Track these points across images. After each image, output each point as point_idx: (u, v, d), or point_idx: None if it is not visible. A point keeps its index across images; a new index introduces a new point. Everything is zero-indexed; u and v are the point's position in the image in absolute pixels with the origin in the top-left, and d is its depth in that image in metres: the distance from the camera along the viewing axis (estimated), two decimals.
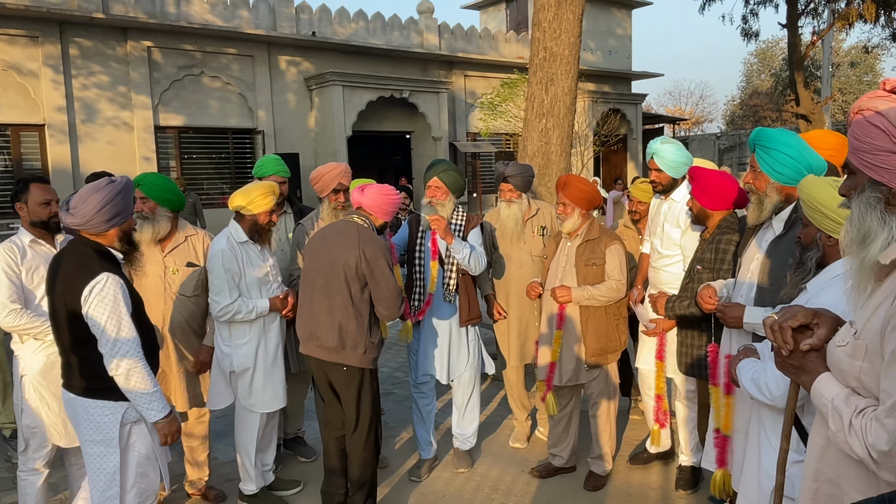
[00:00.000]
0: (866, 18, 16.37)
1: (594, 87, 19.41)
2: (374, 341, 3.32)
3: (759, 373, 2.07)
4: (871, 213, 1.37)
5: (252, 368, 3.58)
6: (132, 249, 2.86)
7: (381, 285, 3.21)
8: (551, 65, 6.27)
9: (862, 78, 36.80)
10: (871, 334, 1.33)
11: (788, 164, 2.57)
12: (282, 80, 15.27)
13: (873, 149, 1.37)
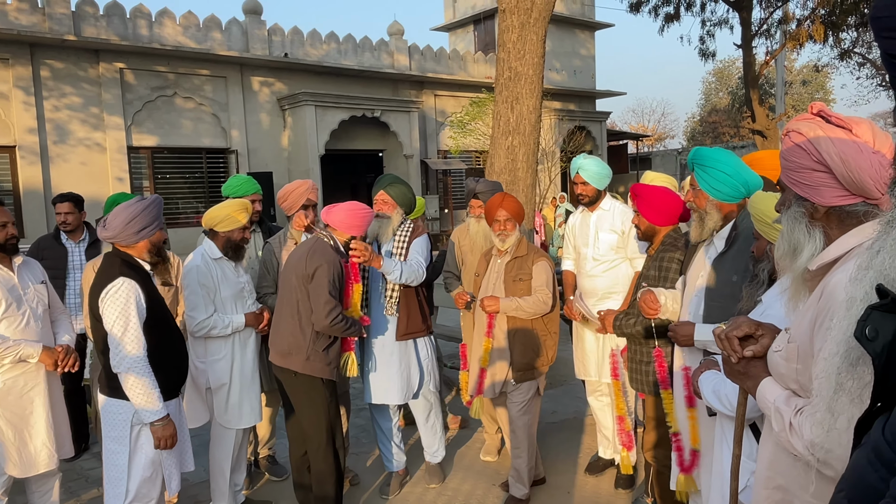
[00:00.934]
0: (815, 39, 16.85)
1: (560, 106, 19.65)
2: (320, 350, 3.32)
3: (720, 385, 2.09)
4: (798, 227, 1.44)
5: (228, 384, 3.56)
6: (161, 261, 3.01)
7: (313, 297, 3.28)
8: (516, 84, 6.32)
9: (814, 95, 37.87)
10: (801, 336, 1.38)
11: (725, 181, 2.60)
12: (255, 100, 15.19)
13: (797, 167, 1.44)
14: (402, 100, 16.72)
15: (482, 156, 18.35)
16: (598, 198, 3.94)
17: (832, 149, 1.38)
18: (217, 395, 3.55)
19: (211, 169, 14.88)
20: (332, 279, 3.29)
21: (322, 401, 3.37)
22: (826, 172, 1.39)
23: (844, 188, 1.39)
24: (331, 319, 3.24)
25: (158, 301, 2.91)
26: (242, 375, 3.60)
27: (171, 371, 2.91)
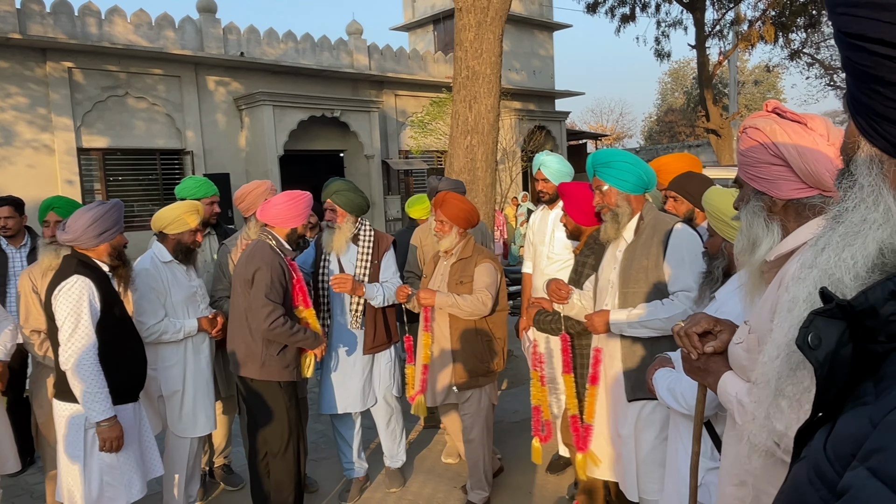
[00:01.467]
0: (766, 40, 17.30)
1: (520, 106, 19.76)
2: (275, 353, 3.26)
3: (675, 383, 2.10)
4: (757, 221, 1.46)
5: (181, 391, 3.48)
6: (122, 265, 2.98)
7: (250, 299, 3.23)
8: (474, 83, 6.32)
9: (765, 94, 38.90)
10: (762, 327, 1.39)
11: (630, 171, 2.74)
12: (210, 100, 14.88)
13: (755, 162, 1.46)
14: (362, 100, 16.59)
15: (444, 155, 18.32)
16: (558, 196, 3.94)
17: (788, 142, 1.40)
18: (170, 403, 3.46)
19: (166, 171, 14.53)
20: (271, 281, 3.20)
21: (282, 405, 3.31)
22: (783, 166, 1.41)
23: (802, 181, 1.41)
24: (269, 323, 3.15)
25: (117, 303, 2.86)
26: (196, 382, 3.52)
27: (127, 374, 2.87)
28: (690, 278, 2.58)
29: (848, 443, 0.64)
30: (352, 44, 17.18)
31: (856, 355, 0.69)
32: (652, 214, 2.78)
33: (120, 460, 2.81)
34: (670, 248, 2.65)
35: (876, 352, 0.68)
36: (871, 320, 0.67)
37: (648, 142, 43.73)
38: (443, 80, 18.12)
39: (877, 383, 0.67)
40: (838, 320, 0.69)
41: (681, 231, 2.67)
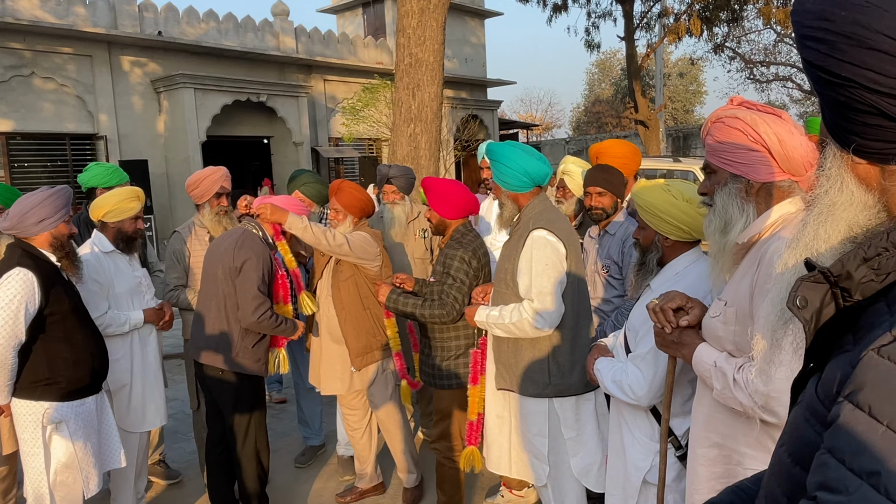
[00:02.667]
0: (693, 33, 18.13)
1: (452, 94, 19.94)
2: (249, 346, 3.30)
3: (620, 374, 2.23)
4: (733, 203, 1.63)
5: (129, 385, 3.45)
6: (66, 255, 2.89)
7: (240, 292, 3.25)
8: (417, 71, 6.41)
9: (688, 87, 40.61)
10: (739, 301, 1.57)
11: (508, 173, 2.80)
12: (125, 81, 14.31)
13: (733, 148, 1.64)
14: (289, 84, 16.34)
15: (376, 143, 18.31)
16: None
17: (770, 130, 1.58)
18: (117, 398, 3.42)
19: (76, 157, 13.89)
20: (262, 274, 3.25)
21: (249, 398, 3.35)
22: (763, 151, 1.59)
23: (778, 166, 1.60)
24: (258, 316, 3.21)
25: (68, 294, 2.80)
26: (145, 375, 3.51)
27: (85, 366, 2.82)
28: (535, 287, 2.69)
29: (834, 383, 0.80)
30: (278, 25, 16.87)
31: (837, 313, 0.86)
32: (532, 213, 2.80)
33: (78, 455, 2.78)
34: (521, 254, 2.75)
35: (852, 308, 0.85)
36: (847, 282, 0.84)
37: (577, 132, 44.88)
38: (374, 66, 18.07)
39: (854, 333, 0.84)
40: (821, 284, 0.86)
41: (534, 239, 2.72)
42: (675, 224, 2.19)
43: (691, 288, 2.13)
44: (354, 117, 16.37)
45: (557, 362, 2.78)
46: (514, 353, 2.85)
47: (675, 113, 39.72)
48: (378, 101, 15.93)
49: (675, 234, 2.20)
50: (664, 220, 2.21)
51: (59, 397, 2.78)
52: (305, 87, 16.67)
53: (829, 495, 0.72)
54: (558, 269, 2.72)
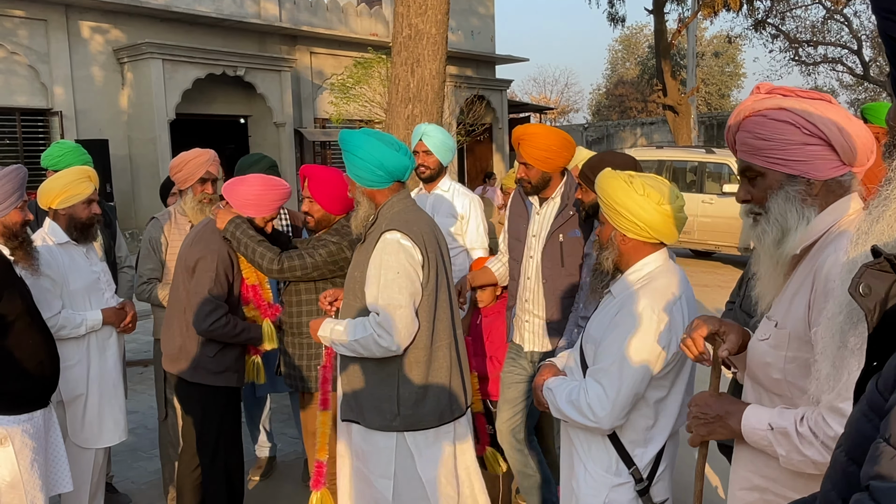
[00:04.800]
0: (730, 6, 18.15)
1: (456, 71, 19.97)
2: (210, 355, 3.30)
3: (577, 393, 2.21)
4: (791, 209, 1.58)
5: (85, 395, 3.46)
6: (20, 245, 2.89)
7: (192, 295, 3.25)
8: (417, 44, 6.42)
9: (724, 68, 40.67)
10: (794, 322, 1.55)
11: (361, 165, 2.74)
12: (84, 50, 14.33)
13: (785, 144, 1.58)
14: (271, 56, 16.35)
15: (367, 126, 18.28)
16: (439, 175, 4.02)
17: (825, 118, 1.54)
18: (71, 409, 3.43)
19: (27, 134, 13.91)
20: (218, 274, 3.24)
21: (216, 411, 3.36)
22: (822, 144, 1.55)
23: (839, 158, 1.56)
24: (209, 323, 3.20)
25: (19, 292, 2.79)
26: (102, 384, 3.51)
27: (32, 376, 2.79)
28: (382, 298, 2.63)
29: (893, 372, 0.84)
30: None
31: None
32: (389, 213, 2.76)
33: (24, 476, 2.75)
34: (371, 260, 2.70)
35: None
36: None
37: (596, 117, 44.93)
38: (367, 38, 18.08)
39: None
40: (887, 273, 0.90)
41: (385, 242, 2.68)
42: (632, 220, 2.20)
43: (659, 295, 2.17)
44: (344, 95, 16.39)
45: (409, 389, 2.71)
46: (359, 377, 2.77)
47: (709, 97, 39.78)
48: (371, 77, 15.94)
49: (634, 231, 2.22)
50: (622, 215, 2.23)
51: (5, 410, 2.75)
52: (289, 61, 16.68)
53: (882, 483, 0.75)
54: (412, 279, 2.65)
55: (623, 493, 2.22)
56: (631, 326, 2.14)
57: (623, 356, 2.12)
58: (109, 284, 3.66)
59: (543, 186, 3.32)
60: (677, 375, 2.24)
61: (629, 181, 2.23)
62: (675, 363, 2.21)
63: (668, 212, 2.21)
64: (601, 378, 2.15)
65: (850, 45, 27.39)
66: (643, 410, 2.21)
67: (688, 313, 2.21)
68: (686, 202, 7.18)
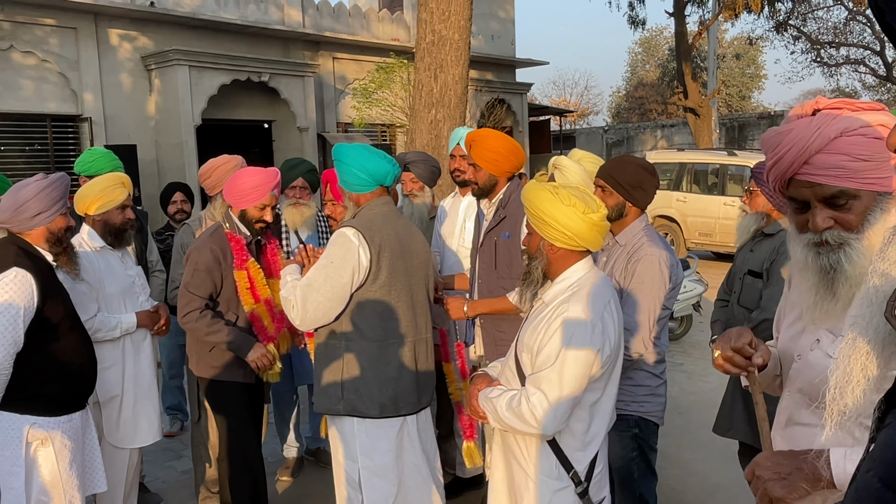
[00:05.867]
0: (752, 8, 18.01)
1: (477, 75, 19.97)
2: (207, 350, 3.39)
3: (518, 401, 2.25)
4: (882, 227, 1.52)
5: (120, 396, 3.53)
6: (64, 251, 2.98)
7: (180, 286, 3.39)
8: (440, 50, 6.46)
9: (745, 70, 40.29)
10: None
11: (348, 171, 3.00)
12: (113, 57, 14.51)
13: (882, 161, 1.51)
14: (294, 62, 16.46)
15: (390, 130, 18.38)
16: None
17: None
18: (107, 410, 3.50)
19: (58, 140, 14.11)
20: (198, 269, 3.33)
21: (225, 409, 3.44)
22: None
23: None
24: (182, 315, 3.32)
25: (62, 298, 2.86)
26: (137, 385, 3.59)
27: (72, 378, 2.87)
28: (307, 278, 2.89)
29: None
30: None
31: None
32: (360, 214, 3.01)
33: (63, 476, 2.81)
34: None
35: None
36: None
37: (616, 119, 44.71)
38: (389, 43, 18.14)
39: None
40: None
41: (336, 234, 2.93)
42: (560, 230, 2.26)
43: (592, 301, 2.23)
44: (366, 100, 16.46)
45: (353, 375, 2.88)
46: (317, 362, 3.02)
47: (730, 99, 39.46)
48: (393, 82, 16.00)
49: (562, 240, 2.29)
50: (550, 225, 2.28)
51: (46, 411, 2.82)
52: (312, 66, 16.79)
53: None
54: (340, 273, 2.82)
55: (565, 496, 2.30)
56: (568, 332, 2.20)
57: (563, 362, 2.19)
58: (144, 288, 3.74)
59: (489, 189, 3.42)
60: (609, 378, 2.34)
61: (555, 192, 2.30)
62: (608, 366, 2.29)
63: (593, 219, 2.28)
64: (542, 384, 2.21)
65: (872, 46, 27.04)
66: (579, 414, 2.29)
67: (617, 317, 2.31)
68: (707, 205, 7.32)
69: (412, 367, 2.98)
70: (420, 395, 3.02)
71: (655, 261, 2.91)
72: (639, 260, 2.93)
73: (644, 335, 2.90)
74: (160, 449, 4.89)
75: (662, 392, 3.10)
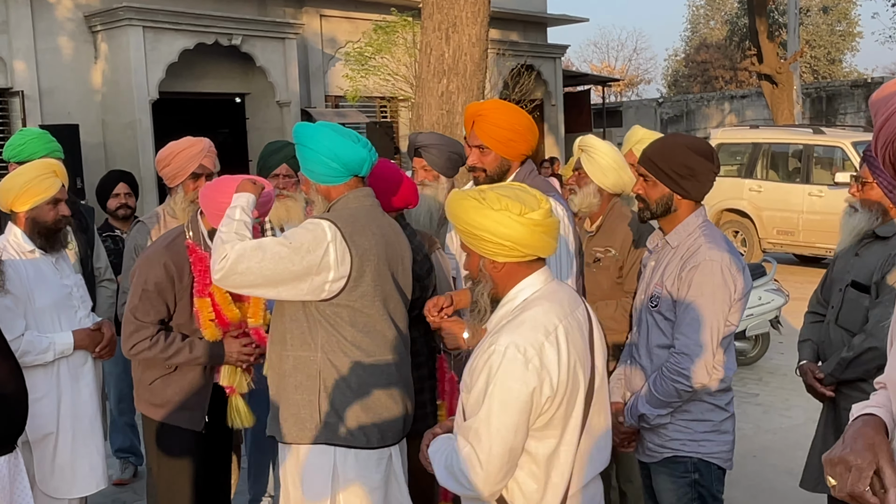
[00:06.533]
0: None
1: (499, 36, 19.97)
2: (147, 382, 3.40)
3: (453, 457, 2.27)
4: None
5: (55, 434, 3.54)
6: None
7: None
8: (453, 5, 6.46)
9: (834, 27, 40.08)
10: None
11: (313, 157, 3.01)
12: (50, 17, 14.63)
13: None
14: (272, 21, 16.52)
15: (391, 104, 18.39)
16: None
17: None
18: (39, 451, 3.52)
19: None
20: (143, 291, 3.30)
21: (169, 453, 3.45)
22: None
23: None
24: (130, 345, 3.30)
25: None
26: (76, 420, 3.60)
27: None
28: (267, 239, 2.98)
29: None
30: None
31: None
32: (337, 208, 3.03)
33: None
34: None
35: None
36: None
37: (673, 89, 44.64)
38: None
39: None
40: None
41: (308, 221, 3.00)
42: (497, 241, 2.26)
43: (527, 329, 2.20)
44: (362, 67, 16.49)
45: (333, 397, 2.90)
46: (280, 380, 3.03)
47: (816, 63, 39.25)
48: (395, 45, 16.01)
49: (503, 253, 2.28)
50: (483, 238, 2.28)
51: None
52: (294, 26, 16.84)
53: None
54: (297, 259, 2.81)
55: None
56: (494, 370, 2.18)
57: (489, 408, 2.17)
58: (84, 301, 3.73)
59: (500, 177, 3.34)
60: (566, 422, 2.28)
61: (481, 198, 2.30)
62: (560, 407, 2.24)
63: (535, 220, 2.26)
64: (470, 437, 2.21)
65: None
66: (530, 469, 2.27)
67: (567, 346, 2.25)
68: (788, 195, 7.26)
69: (400, 389, 3.04)
70: (405, 422, 3.09)
71: (717, 267, 2.89)
72: (695, 266, 2.90)
73: (706, 359, 2.88)
74: (108, 501, 4.91)
75: (729, 428, 3.07)
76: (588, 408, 2.34)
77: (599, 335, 2.47)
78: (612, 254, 3.89)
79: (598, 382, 2.41)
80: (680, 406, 2.96)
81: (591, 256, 3.92)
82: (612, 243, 3.91)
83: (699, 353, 2.86)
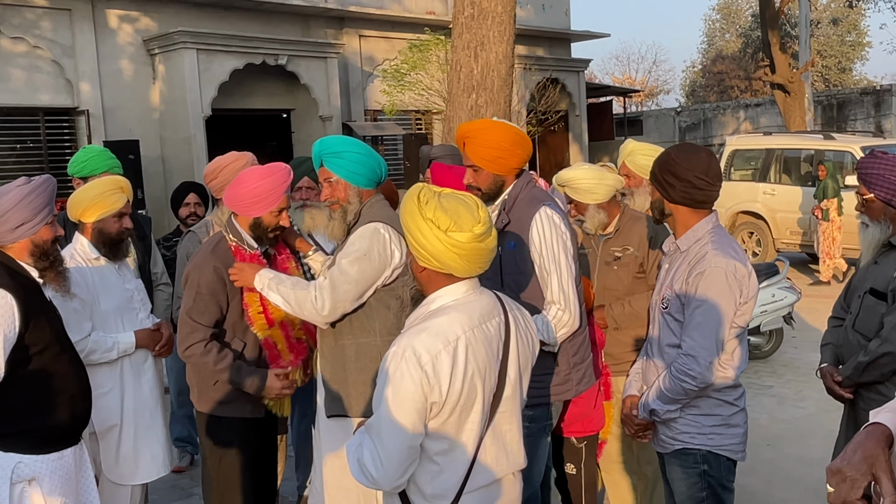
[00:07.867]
0: None
1: (526, 51, 19.93)
2: (213, 382, 3.37)
3: (360, 450, 2.23)
4: None
5: (119, 426, 3.58)
6: (51, 265, 2.95)
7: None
8: (481, 25, 6.46)
9: (844, 38, 39.46)
10: None
11: (364, 162, 3.19)
12: (112, 42, 14.83)
13: None
14: (315, 42, 16.62)
15: (426, 117, 18.41)
16: None
17: None
18: (105, 442, 3.57)
19: (52, 136, 14.46)
20: (200, 292, 3.29)
21: (222, 447, 3.44)
22: None
23: None
24: (185, 347, 3.27)
25: (49, 318, 2.87)
26: (138, 413, 3.64)
27: (65, 410, 2.85)
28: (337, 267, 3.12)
29: None
30: None
31: None
32: (370, 213, 3.19)
33: None
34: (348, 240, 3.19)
35: None
36: None
37: (691, 99, 44.22)
38: (423, 17, 18.20)
39: None
40: None
41: (363, 228, 3.14)
42: (415, 246, 2.24)
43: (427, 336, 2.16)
44: (398, 83, 16.51)
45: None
46: (341, 367, 3.21)
47: (827, 73, 38.67)
48: (429, 62, 16.02)
49: (422, 259, 2.25)
50: (408, 239, 2.28)
51: (33, 449, 2.80)
52: (336, 46, 16.92)
53: None
54: (374, 265, 3.08)
55: None
56: (391, 372, 2.16)
57: (387, 407, 2.15)
58: (144, 303, 3.79)
59: (496, 192, 3.28)
60: (459, 428, 2.23)
61: (424, 201, 2.23)
62: (451, 415, 2.19)
63: (455, 241, 2.18)
64: (372, 434, 2.21)
65: None
66: (425, 465, 2.24)
67: (466, 357, 2.18)
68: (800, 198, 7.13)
69: None
70: None
71: (721, 274, 2.86)
72: (701, 273, 2.88)
73: (711, 361, 2.88)
74: (167, 486, 4.95)
75: (739, 421, 3.04)
76: (493, 415, 2.30)
77: (523, 346, 2.40)
78: (631, 251, 3.86)
79: (509, 392, 2.35)
80: (688, 402, 2.96)
81: (610, 256, 3.89)
82: (630, 242, 3.87)
83: (704, 355, 2.86)
